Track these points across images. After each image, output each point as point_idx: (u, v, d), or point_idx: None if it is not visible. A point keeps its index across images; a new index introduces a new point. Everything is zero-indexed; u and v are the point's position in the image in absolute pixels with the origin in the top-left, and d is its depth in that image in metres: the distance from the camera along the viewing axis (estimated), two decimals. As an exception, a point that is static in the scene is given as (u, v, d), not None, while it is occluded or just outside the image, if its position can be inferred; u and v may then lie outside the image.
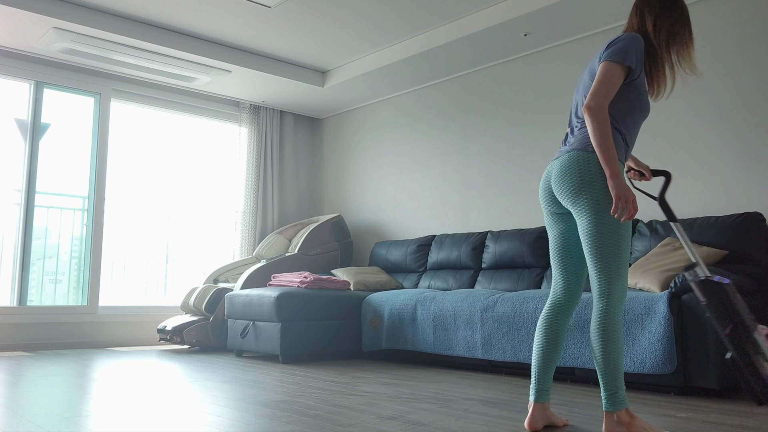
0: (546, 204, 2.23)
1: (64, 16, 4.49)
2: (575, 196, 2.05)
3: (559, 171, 2.11)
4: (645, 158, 4.14)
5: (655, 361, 3.00)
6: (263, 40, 5.17)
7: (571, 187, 2.06)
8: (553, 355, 2.19)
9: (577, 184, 2.04)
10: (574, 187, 2.05)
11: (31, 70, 5.17)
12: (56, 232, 5.32)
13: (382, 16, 4.69)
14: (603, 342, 2.01)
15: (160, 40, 4.91)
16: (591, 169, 2.03)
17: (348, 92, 5.97)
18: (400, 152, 5.90)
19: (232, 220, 6.31)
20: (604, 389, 2.02)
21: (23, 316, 4.99)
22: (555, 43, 4.70)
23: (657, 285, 3.25)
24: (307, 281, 4.59)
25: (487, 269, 4.64)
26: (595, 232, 2.01)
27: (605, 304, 2.02)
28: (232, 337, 4.74)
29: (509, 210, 4.90)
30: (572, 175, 2.05)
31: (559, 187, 2.11)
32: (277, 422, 2.28)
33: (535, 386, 2.20)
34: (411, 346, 4.23)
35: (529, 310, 3.57)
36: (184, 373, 3.71)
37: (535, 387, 2.20)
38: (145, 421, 2.30)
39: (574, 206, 2.07)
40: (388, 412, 2.52)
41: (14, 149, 5.17)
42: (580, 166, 2.04)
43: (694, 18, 3.98)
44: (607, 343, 2.00)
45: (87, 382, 3.29)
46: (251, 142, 6.31)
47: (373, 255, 5.59)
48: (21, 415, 2.38)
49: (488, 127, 5.14)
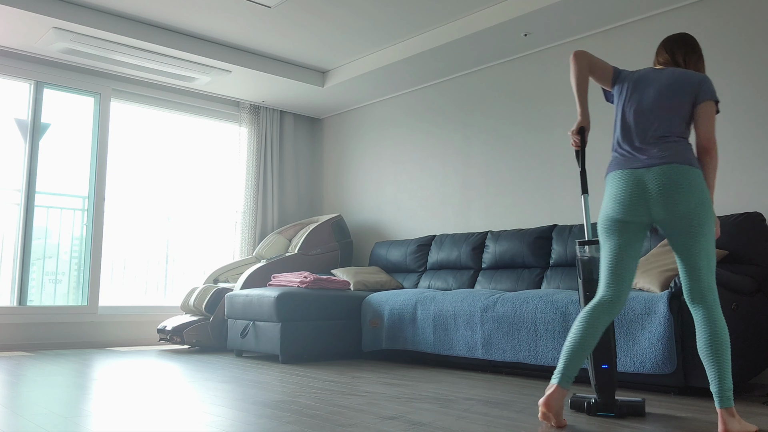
0: (623, 212, 2.28)
1: (64, 16, 4.49)
2: (690, 212, 2.19)
3: (675, 183, 2.21)
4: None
5: (655, 361, 3.00)
6: (263, 40, 5.17)
7: (690, 202, 2.19)
8: (588, 345, 2.27)
9: (697, 201, 2.20)
10: (694, 203, 2.19)
11: (31, 70, 5.17)
12: (56, 232, 5.32)
13: (382, 16, 4.69)
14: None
15: (160, 40, 4.92)
16: (705, 189, 2.23)
17: (348, 92, 5.97)
18: (400, 152, 5.90)
19: (232, 220, 6.31)
20: (728, 385, 2.13)
21: (23, 316, 4.99)
22: (555, 43, 4.70)
23: (657, 285, 3.25)
24: (307, 281, 4.59)
25: (487, 269, 4.64)
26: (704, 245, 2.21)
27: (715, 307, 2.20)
28: (232, 337, 4.74)
29: (509, 210, 4.90)
30: (694, 192, 2.20)
31: (673, 198, 2.20)
32: (277, 422, 2.28)
33: (562, 371, 2.26)
34: (411, 346, 4.23)
35: (529, 310, 3.57)
36: (184, 373, 3.71)
37: (562, 371, 2.26)
38: (145, 421, 2.30)
39: (683, 219, 2.20)
40: (388, 412, 2.52)
41: (14, 149, 5.17)
42: (698, 185, 2.21)
43: (694, 18, 3.98)
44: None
45: (87, 382, 3.29)
46: (251, 142, 6.31)
47: (373, 255, 5.59)
48: (21, 415, 2.38)
49: (488, 127, 5.14)
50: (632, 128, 2.37)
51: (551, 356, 3.43)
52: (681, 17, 4.05)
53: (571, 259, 4.12)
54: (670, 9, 4.10)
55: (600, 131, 4.39)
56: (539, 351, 3.49)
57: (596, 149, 4.40)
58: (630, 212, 2.27)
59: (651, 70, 2.45)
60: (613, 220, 2.31)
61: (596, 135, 4.41)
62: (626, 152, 2.34)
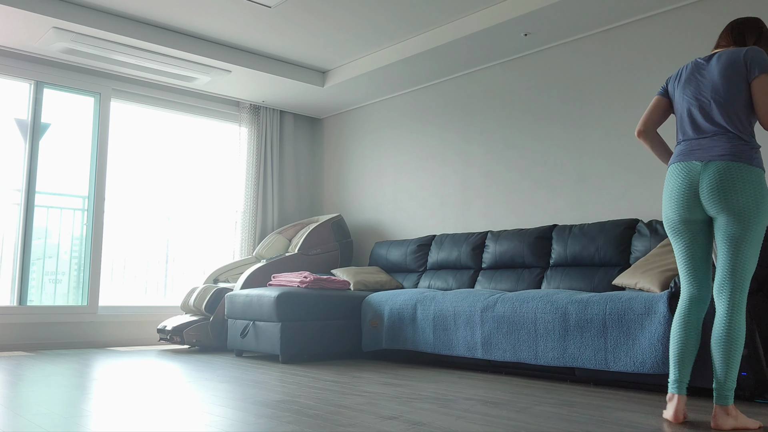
0: (683, 209, 2.31)
1: (64, 16, 4.49)
2: (743, 210, 2.19)
3: (727, 181, 2.20)
4: (650, 157, 4.14)
5: (655, 361, 3.00)
6: (263, 40, 5.17)
7: (744, 201, 2.19)
8: (692, 346, 2.32)
9: (752, 200, 2.19)
10: (748, 202, 2.19)
11: (31, 70, 5.17)
12: (56, 232, 5.32)
13: (381, 16, 4.69)
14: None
15: (160, 40, 4.91)
16: (760, 186, 2.21)
17: (348, 92, 5.97)
18: (400, 152, 5.90)
19: (232, 220, 6.31)
20: (730, 384, 2.20)
21: (23, 316, 4.99)
22: (555, 43, 4.70)
23: (657, 285, 3.26)
24: (307, 281, 4.59)
25: (487, 269, 4.64)
26: (749, 241, 2.22)
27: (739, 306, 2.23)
28: (232, 337, 4.75)
29: (509, 210, 4.90)
30: (748, 191, 2.20)
31: (725, 196, 2.20)
32: (277, 422, 2.28)
33: (678, 379, 2.30)
34: (411, 346, 4.23)
35: (529, 310, 3.57)
36: (184, 373, 3.71)
37: (678, 380, 2.30)
38: (145, 421, 2.30)
39: (737, 217, 2.19)
40: (388, 412, 2.52)
41: (14, 149, 5.17)
42: (752, 183, 2.20)
43: (694, 18, 3.98)
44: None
45: (87, 382, 3.29)
46: (251, 142, 6.31)
47: (373, 255, 5.59)
48: (21, 415, 2.38)
49: (488, 127, 5.14)
50: (687, 120, 2.38)
51: (551, 356, 3.43)
52: (681, 17, 4.05)
53: (571, 259, 4.12)
54: (670, 9, 4.10)
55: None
56: (539, 351, 3.49)
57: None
58: (687, 211, 2.31)
59: (697, 63, 2.43)
60: (674, 220, 2.35)
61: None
62: (685, 144, 2.36)
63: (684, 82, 2.43)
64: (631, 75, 4.26)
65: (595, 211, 4.36)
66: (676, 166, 2.34)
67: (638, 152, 4.17)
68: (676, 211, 2.33)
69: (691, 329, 2.32)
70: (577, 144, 4.52)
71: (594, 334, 3.26)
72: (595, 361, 3.24)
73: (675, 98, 2.47)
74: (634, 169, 4.18)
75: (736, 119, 2.28)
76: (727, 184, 2.21)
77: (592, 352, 3.26)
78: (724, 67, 2.32)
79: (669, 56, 4.08)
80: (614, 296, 3.27)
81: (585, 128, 4.48)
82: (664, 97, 2.52)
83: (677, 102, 2.45)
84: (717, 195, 2.22)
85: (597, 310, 3.27)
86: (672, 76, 2.52)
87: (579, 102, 4.54)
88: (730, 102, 2.29)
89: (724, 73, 2.32)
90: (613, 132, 4.32)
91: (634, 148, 4.20)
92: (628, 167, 4.21)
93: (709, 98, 2.33)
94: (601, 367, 3.22)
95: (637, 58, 4.25)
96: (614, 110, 4.33)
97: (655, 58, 4.14)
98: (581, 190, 4.45)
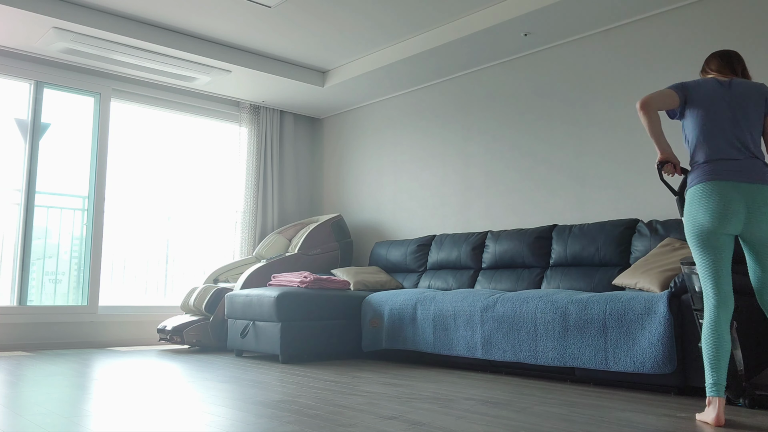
0: (726, 222, 2.41)
1: (64, 16, 4.49)
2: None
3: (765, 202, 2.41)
4: (650, 157, 4.14)
5: (655, 361, 3.00)
6: (263, 40, 5.17)
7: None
8: (725, 351, 2.39)
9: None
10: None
11: (31, 70, 5.17)
12: (56, 232, 5.32)
13: (382, 16, 4.69)
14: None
15: (160, 40, 4.91)
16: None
17: (348, 92, 5.97)
18: (400, 152, 5.90)
19: (232, 220, 6.31)
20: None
21: (23, 316, 4.99)
22: (555, 43, 4.70)
23: (657, 285, 3.26)
24: (307, 281, 4.59)
25: (487, 269, 4.64)
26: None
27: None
28: (232, 337, 4.75)
29: (509, 210, 4.90)
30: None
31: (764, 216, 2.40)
32: (277, 422, 2.28)
33: (716, 383, 2.36)
34: (411, 346, 4.23)
35: (529, 310, 3.57)
36: (184, 373, 3.71)
37: (716, 383, 2.36)
38: (145, 421, 2.30)
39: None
40: (388, 412, 2.52)
41: (14, 149, 5.17)
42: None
43: (694, 18, 3.98)
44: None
45: (87, 382, 3.29)
46: (251, 142, 6.31)
47: (373, 255, 5.59)
48: (21, 415, 2.38)
49: (488, 127, 5.14)
50: (721, 138, 2.49)
51: (551, 356, 3.43)
52: (681, 17, 4.05)
53: (571, 259, 4.12)
54: (670, 9, 4.10)
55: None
56: (539, 351, 3.49)
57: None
58: (728, 224, 2.40)
59: (721, 83, 2.56)
60: (708, 231, 2.43)
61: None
62: (724, 163, 2.45)
63: (711, 99, 2.53)
64: (631, 75, 4.26)
65: (595, 211, 4.36)
66: (726, 183, 2.42)
67: (638, 152, 4.17)
68: (714, 222, 2.41)
69: (722, 334, 2.39)
70: (577, 144, 4.52)
71: (594, 334, 3.26)
72: (595, 361, 3.24)
73: (699, 111, 2.53)
74: (635, 169, 4.18)
75: (761, 145, 2.52)
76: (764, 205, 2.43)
77: (592, 352, 3.26)
78: (749, 96, 2.52)
79: (669, 56, 4.08)
80: (614, 296, 3.26)
81: (585, 128, 4.48)
82: (678, 96, 2.57)
83: (703, 116, 2.52)
84: (757, 214, 2.40)
85: (597, 310, 3.27)
86: (690, 84, 2.57)
87: (579, 102, 4.54)
88: (757, 130, 2.52)
89: (750, 103, 2.52)
90: (613, 132, 4.32)
91: (635, 148, 4.20)
92: (628, 167, 4.21)
93: (742, 124, 2.50)
94: (601, 367, 3.22)
95: (637, 58, 4.25)
96: (614, 110, 4.33)
97: (655, 58, 4.14)
98: (581, 190, 4.45)
